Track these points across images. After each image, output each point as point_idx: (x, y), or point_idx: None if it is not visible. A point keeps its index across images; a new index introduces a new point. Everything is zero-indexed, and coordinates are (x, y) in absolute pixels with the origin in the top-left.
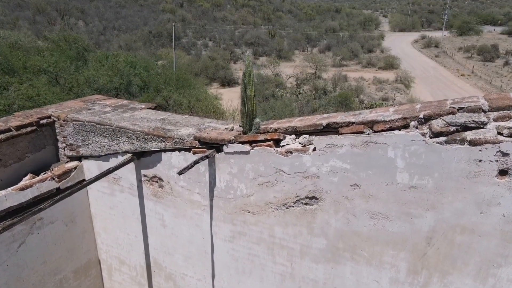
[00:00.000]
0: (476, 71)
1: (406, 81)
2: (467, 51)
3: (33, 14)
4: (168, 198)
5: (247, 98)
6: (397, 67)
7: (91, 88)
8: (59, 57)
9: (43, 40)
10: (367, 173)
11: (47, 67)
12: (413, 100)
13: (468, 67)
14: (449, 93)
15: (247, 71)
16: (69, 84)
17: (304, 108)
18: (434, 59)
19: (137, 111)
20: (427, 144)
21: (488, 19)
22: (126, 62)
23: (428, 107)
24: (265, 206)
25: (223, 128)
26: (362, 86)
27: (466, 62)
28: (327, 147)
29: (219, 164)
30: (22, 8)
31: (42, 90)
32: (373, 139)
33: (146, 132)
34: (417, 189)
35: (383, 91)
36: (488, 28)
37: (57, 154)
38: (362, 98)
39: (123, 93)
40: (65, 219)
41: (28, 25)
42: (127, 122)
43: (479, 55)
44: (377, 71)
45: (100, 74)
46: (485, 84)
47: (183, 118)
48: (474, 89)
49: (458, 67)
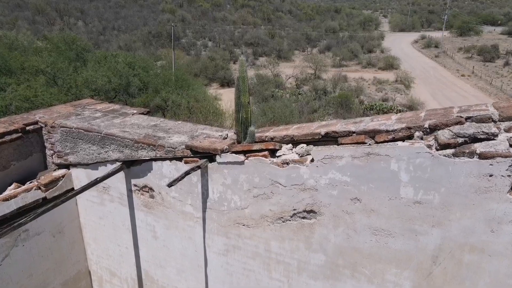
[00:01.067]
0: (476, 72)
1: (406, 82)
2: (467, 51)
3: (33, 14)
4: (160, 209)
5: (241, 105)
6: (397, 68)
7: (89, 89)
8: (57, 58)
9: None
10: (368, 187)
11: (45, 68)
12: (413, 100)
13: (468, 68)
14: (449, 93)
15: (241, 76)
16: (67, 85)
17: (304, 109)
18: (434, 60)
19: (128, 117)
20: (433, 157)
21: (488, 19)
22: (125, 63)
23: (434, 116)
24: (261, 219)
25: (217, 136)
26: (362, 87)
27: (466, 62)
28: (325, 159)
29: (212, 175)
30: (21, 8)
31: (39, 91)
32: (375, 150)
33: (136, 140)
34: (422, 204)
35: (383, 91)
36: (488, 28)
37: (45, 162)
38: (362, 99)
39: (121, 94)
40: (52, 230)
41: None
42: (116, 129)
43: (479, 55)
44: (377, 72)
45: (98, 75)
46: (486, 85)
47: (175, 125)
48: (474, 89)
49: (458, 67)
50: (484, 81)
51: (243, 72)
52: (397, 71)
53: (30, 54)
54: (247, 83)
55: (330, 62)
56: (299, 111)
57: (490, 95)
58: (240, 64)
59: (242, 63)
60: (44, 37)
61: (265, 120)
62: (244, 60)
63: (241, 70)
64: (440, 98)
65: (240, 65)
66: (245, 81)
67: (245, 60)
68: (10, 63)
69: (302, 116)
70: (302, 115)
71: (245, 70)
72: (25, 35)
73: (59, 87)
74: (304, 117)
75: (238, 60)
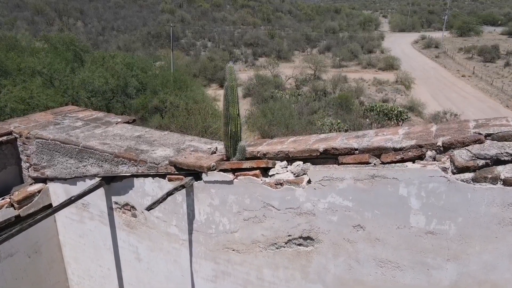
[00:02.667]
0: (477, 72)
1: (407, 82)
2: (468, 51)
3: (32, 15)
4: (143, 229)
5: (230, 118)
6: (397, 68)
7: (86, 90)
8: (54, 59)
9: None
10: (373, 213)
11: (41, 69)
12: (414, 101)
13: (469, 68)
14: (450, 94)
15: (230, 85)
16: (64, 86)
17: (304, 110)
18: (435, 60)
19: (111, 126)
20: (449, 181)
21: (488, 20)
22: (123, 63)
23: (447, 131)
24: (252, 245)
25: (205, 149)
26: (362, 87)
27: (466, 62)
28: (324, 180)
29: (198, 194)
30: (21, 8)
31: (35, 92)
32: (381, 172)
33: (116, 153)
34: (435, 235)
35: (383, 92)
36: (488, 29)
37: (20, 175)
38: (362, 100)
39: (119, 95)
40: (27, 250)
41: (27, 25)
42: (96, 141)
43: (480, 56)
44: (377, 72)
45: (95, 76)
46: (486, 85)
47: (161, 136)
48: (475, 90)
49: (458, 67)
50: (485, 82)
51: (232, 80)
52: (397, 71)
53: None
54: (236, 93)
55: (330, 62)
56: (299, 112)
57: (491, 96)
58: (229, 72)
59: (231, 71)
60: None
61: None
62: (233, 67)
63: (230, 79)
64: (440, 99)
65: (229, 72)
66: (235, 91)
67: (233, 67)
68: (7, 64)
69: (302, 117)
70: (301, 116)
71: (234, 78)
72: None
73: (56, 88)
74: (303, 118)
75: (226, 67)
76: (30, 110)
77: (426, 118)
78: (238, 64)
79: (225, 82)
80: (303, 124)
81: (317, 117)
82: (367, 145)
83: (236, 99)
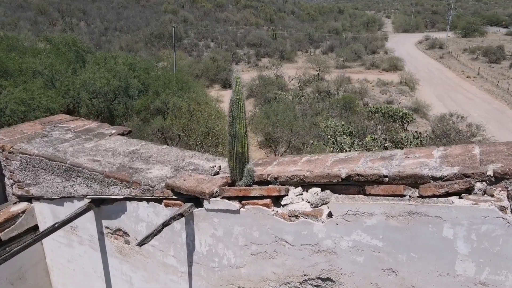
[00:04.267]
0: (482, 73)
1: (411, 83)
2: (472, 52)
3: (35, 15)
4: (137, 257)
5: (236, 136)
6: (401, 69)
7: (88, 91)
8: (56, 59)
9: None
10: (409, 256)
11: (43, 69)
12: (419, 103)
13: (474, 69)
14: (455, 95)
15: (236, 99)
16: (65, 87)
17: (307, 111)
18: (439, 61)
19: (104, 139)
20: (508, 224)
21: (493, 20)
22: (125, 64)
23: (495, 156)
24: (261, 283)
25: (207, 167)
26: (366, 88)
27: (471, 63)
28: (349, 215)
29: (199, 223)
30: (24, 8)
31: (36, 94)
32: (420, 209)
33: (107, 173)
34: (487, 286)
35: (388, 93)
36: (493, 29)
37: (4, 192)
38: (367, 101)
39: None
40: (10, 276)
41: (30, 26)
42: (85, 157)
43: (485, 57)
44: (381, 73)
45: (96, 77)
46: (492, 86)
47: (158, 151)
48: (481, 91)
49: (463, 68)
50: (490, 83)
51: (239, 93)
52: (401, 72)
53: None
54: (244, 108)
55: (333, 63)
56: (302, 114)
57: (496, 97)
58: (235, 83)
59: (237, 82)
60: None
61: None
62: (240, 77)
63: (236, 91)
64: (445, 100)
65: (235, 84)
66: (242, 105)
67: (240, 78)
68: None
69: (305, 119)
70: (305, 118)
71: (240, 90)
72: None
73: (57, 90)
74: (307, 119)
75: (232, 77)
76: (31, 112)
77: (431, 120)
78: (241, 64)
79: (231, 95)
80: (307, 126)
81: (321, 118)
82: (399, 171)
83: (243, 115)
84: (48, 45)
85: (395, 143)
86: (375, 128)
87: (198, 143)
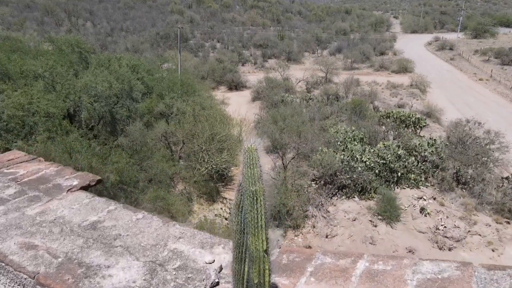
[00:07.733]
0: (495, 75)
1: (422, 86)
2: (484, 54)
3: (41, 15)
4: None
5: (249, 255)
6: (411, 71)
7: (89, 95)
8: (58, 61)
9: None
10: None
11: (43, 72)
12: (431, 106)
13: (486, 71)
14: (468, 98)
15: (250, 191)
16: (66, 91)
17: (315, 115)
18: (450, 62)
19: (57, 198)
20: None
21: (503, 21)
22: (129, 66)
23: None
24: None
25: (200, 264)
26: (376, 91)
27: (483, 65)
28: None
29: None
30: (31, 9)
31: (35, 97)
32: None
33: (39, 278)
34: None
35: (398, 96)
36: (503, 30)
37: None
38: (377, 105)
39: (124, 99)
40: None
41: (36, 26)
42: (18, 238)
43: (497, 58)
44: (390, 75)
45: (98, 79)
46: (505, 89)
47: (131, 225)
48: (494, 94)
49: (475, 70)
50: (504, 86)
51: (255, 180)
52: (411, 74)
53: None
54: (263, 206)
55: (341, 64)
56: (310, 118)
57: (511, 101)
58: (249, 160)
59: (251, 157)
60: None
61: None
62: (256, 150)
63: (251, 176)
64: (458, 104)
65: (249, 163)
66: (260, 202)
67: (257, 151)
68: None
69: (314, 123)
70: (313, 122)
71: (258, 175)
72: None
73: (57, 93)
74: (315, 124)
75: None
76: (29, 117)
77: (446, 126)
78: (247, 65)
79: (241, 179)
80: (315, 131)
81: (330, 123)
82: None
83: (262, 220)
84: (52, 46)
85: (409, 150)
86: (387, 134)
87: (202, 149)
